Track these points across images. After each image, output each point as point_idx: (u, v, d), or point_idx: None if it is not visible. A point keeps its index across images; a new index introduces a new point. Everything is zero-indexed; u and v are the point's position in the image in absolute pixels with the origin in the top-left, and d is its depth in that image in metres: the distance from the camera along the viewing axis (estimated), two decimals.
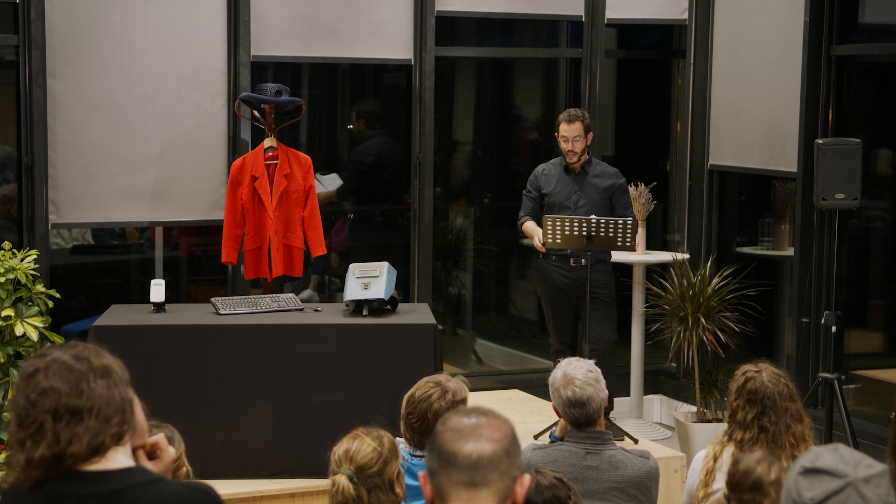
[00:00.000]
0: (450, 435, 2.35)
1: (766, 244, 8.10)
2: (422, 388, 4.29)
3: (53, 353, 2.46)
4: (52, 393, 2.40)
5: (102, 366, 2.46)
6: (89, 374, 2.43)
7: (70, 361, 2.43)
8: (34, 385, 2.41)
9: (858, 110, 7.63)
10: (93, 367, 2.44)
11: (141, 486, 2.44)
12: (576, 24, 8.33)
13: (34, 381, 2.42)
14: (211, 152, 7.33)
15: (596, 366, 4.40)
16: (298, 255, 6.82)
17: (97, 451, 2.42)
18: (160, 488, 2.46)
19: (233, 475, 5.87)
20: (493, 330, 9.14)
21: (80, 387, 2.41)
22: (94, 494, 2.41)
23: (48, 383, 2.40)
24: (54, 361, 2.43)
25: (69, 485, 2.41)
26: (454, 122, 9.20)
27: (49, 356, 2.45)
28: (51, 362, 2.43)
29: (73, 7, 6.98)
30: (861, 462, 2.27)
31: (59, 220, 7.07)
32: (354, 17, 7.59)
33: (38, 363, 2.44)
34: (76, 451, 2.39)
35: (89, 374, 2.43)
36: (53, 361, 2.43)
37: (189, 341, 5.96)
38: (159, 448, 2.66)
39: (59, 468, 2.40)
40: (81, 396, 2.40)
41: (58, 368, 2.42)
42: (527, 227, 7.12)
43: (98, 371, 2.45)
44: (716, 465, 4.24)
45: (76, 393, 2.40)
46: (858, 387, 7.66)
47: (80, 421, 2.39)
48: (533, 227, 7.06)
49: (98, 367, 2.45)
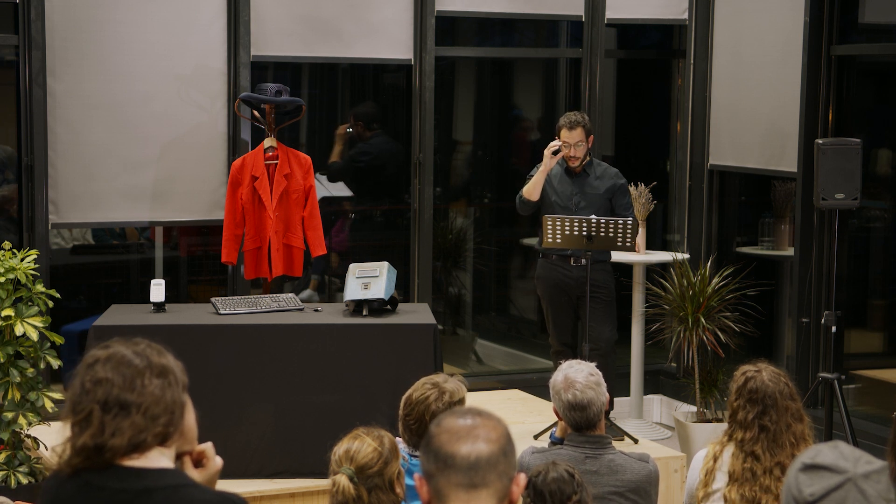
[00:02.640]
0: (446, 437, 2.35)
1: (766, 244, 8.10)
2: (419, 390, 4.29)
3: (116, 346, 2.49)
4: (105, 384, 2.42)
5: (160, 365, 2.49)
6: (146, 371, 2.46)
7: (129, 356, 2.47)
8: (91, 374, 2.44)
9: (858, 110, 7.63)
10: (151, 364, 2.48)
11: (173, 488, 2.44)
12: (576, 24, 8.33)
13: (92, 371, 2.45)
14: (211, 152, 7.33)
15: (597, 367, 4.41)
16: (298, 255, 6.82)
17: (138, 447, 2.43)
18: (191, 493, 2.46)
19: (233, 475, 5.86)
20: (493, 330, 9.14)
21: (133, 382, 2.44)
22: (127, 490, 2.42)
23: (104, 374, 2.43)
24: (115, 354, 2.47)
25: (105, 477, 2.43)
26: (454, 122, 9.20)
27: (111, 348, 2.48)
28: (111, 354, 2.46)
29: (73, 7, 6.98)
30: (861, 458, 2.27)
31: (59, 220, 7.07)
32: (354, 17, 7.59)
33: (99, 354, 2.47)
34: (117, 445, 2.41)
35: (145, 371, 2.46)
36: (114, 354, 2.46)
37: (189, 341, 5.96)
38: (206, 457, 2.65)
39: (99, 459, 2.42)
40: (133, 392, 2.43)
41: (117, 361, 2.45)
42: (531, 182, 6.97)
43: (155, 369, 2.48)
44: (716, 465, 4.24)
45: (129, 387, 2.43)
46: (858, 387, 7.66)
47: (126, 415, 2.42)
48: (536, 175, 6.95)
49: (156, 365, 2.49)
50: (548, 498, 3.63)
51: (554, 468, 3.67)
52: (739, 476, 4.15)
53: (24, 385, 5.87)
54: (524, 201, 7.02)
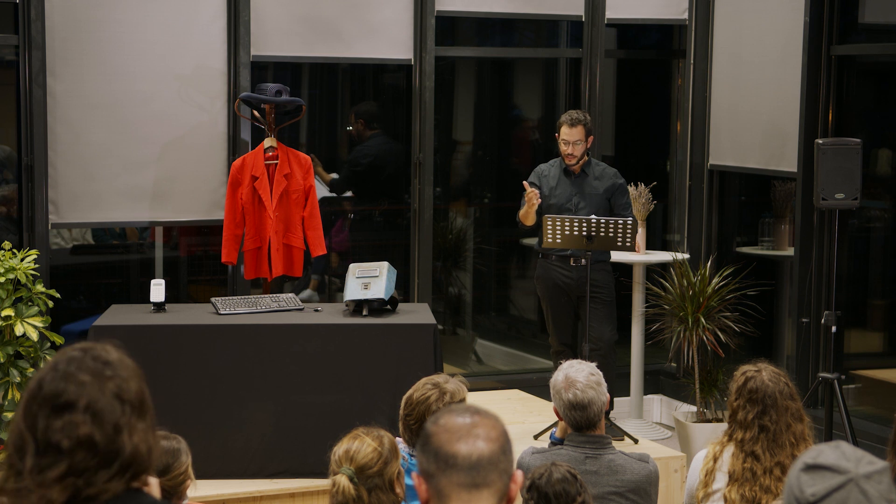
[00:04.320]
0: (445, 436, 2.34)
1: (766, 244, 8.10)
2: (420, 390, 4.28)
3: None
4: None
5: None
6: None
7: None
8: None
9: (858, 110, 7.63)
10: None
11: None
12: (576, 24, 8.33)
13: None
14: (211, 152, 7.32)
15: (597, 368, 4.41)
16: (298, 255, 6.82)
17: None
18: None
19: (233, 475, 5.87)
20: (493, 330, 9.14)
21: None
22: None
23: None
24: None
25: None
26: (454, 122, 9.20)
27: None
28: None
29: (73, 7, 6.98)
30: (863, 459, 2.28)
31: (59, 220, 7.07)
32: (354, 17, 7.59)
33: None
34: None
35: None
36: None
37: (189, 341, 5.96)
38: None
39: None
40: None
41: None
42: (521, 211, 6.95)
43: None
44: (716, 465, 4.24)
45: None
46: (858, 387, 7.66)
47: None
48: (524, 208, 6.93)
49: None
50: (553, 499, 3.63)
51: (556, 469, 3.67)
52: (739, 476, 4.15)
53: (24, 385, 5.87)
54: (521, 224, 7.03)
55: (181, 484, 3.92)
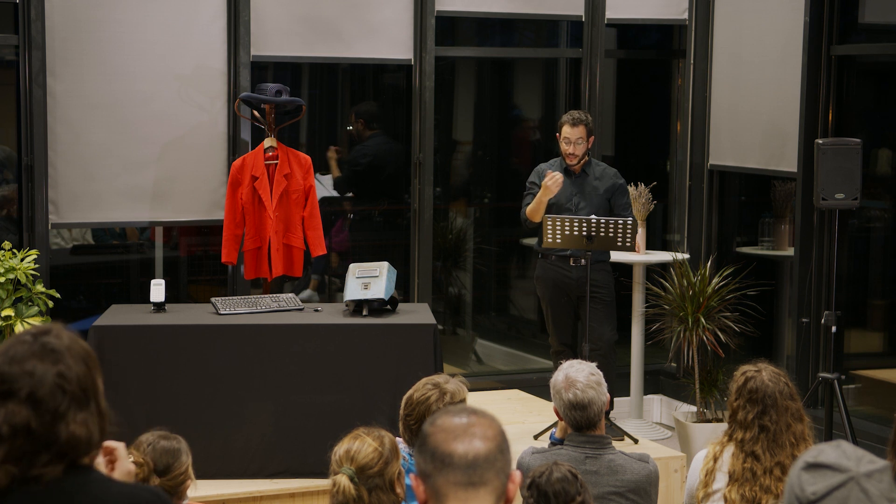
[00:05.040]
0: (442, 436, 2.35)
1: (766, 244, 8.10)
2: (420, 390, 4.28)
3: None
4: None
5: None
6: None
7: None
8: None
9: (858, 110, 7.63)
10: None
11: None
12: (576, 24, 8.33)
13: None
14: (211, 152, 7.32)
15: (597, 368, 4.41)
16: (298, 255, 6.82)
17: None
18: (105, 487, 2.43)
19: (233, 475, 5.87)
20: (493, 330, 9.14)
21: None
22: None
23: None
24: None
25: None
26: (454, 122, 9.20)
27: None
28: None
29: (73, 7, 6.98)
30: (863, 458, 2.28)
31: (59, 220, 7.07)
32: (354, 17, 7.59)
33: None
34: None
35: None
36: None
37: (189, 341, 5.96)
38: (116, 456, 2.63)
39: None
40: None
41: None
42: (530, 206, 7.00)
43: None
44: (716, 465, 4.24)
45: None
46: (858, 387, 7.66)
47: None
48: (535, 199, 6.92)
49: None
50: (552, 498, 3.63)
51: (557, 468, 3.67)
52: (739, 476, 4.15)
53: None
54: (528, 222, 7.00)
55: (181, 484, 3.93)
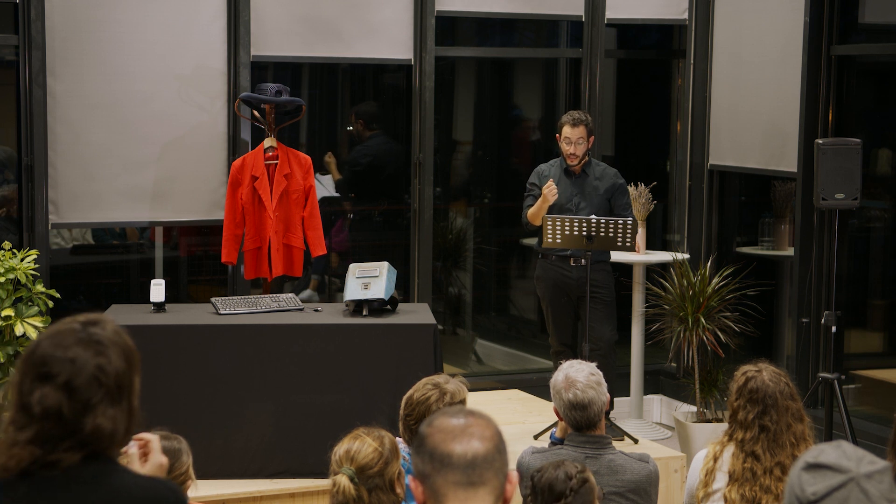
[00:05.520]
0: (440, 436, 2.35)
1: (766, 244, 8.10)
2: (420, 390, 4.28)
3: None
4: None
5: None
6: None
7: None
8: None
9: (858, 110, 7.63)
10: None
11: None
12: (576, 24, 8.33)
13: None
14: (211, 152, 7.32)
15: (597, 368, 4.41)
16: (298, 255, 6.82)
17: None
18: (120, 479, 2.46)
19: (233, 475, 5.87)
20: (493, 330, 9.14)
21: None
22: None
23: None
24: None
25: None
26: (454, 122, 9.20)
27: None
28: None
29: (73, 7, 6.98)
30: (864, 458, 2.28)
31: (59, 220, 7.07)
32: (354, 17, 7.59)
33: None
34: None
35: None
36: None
37: (189, 341, 5.96)
38: (150, 449, 2.68)
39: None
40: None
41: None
42: (531, 210, 7.01)
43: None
44: (716, 465, 4.24)
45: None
46: (858, 387, 7.66)
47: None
48: (536, 204, 6.93)
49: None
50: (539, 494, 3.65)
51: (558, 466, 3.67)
52: (740, 476, 4.15)
53: None
54: (529, 225, 7.03)
55: (182, 484, 3.93)
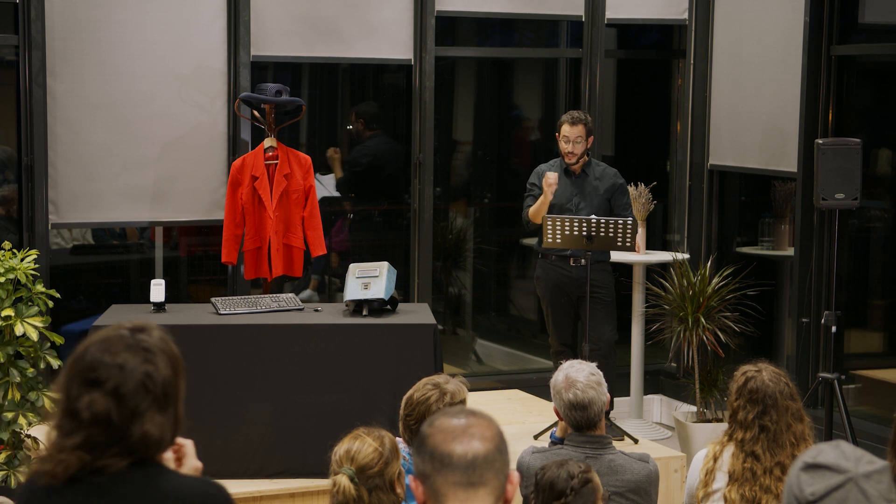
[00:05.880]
0: (441, 437, 2.35)
1: (766, 244, 8.10)
2: (420, 390, 4.28)
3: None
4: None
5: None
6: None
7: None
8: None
9: (858, 110, 7.63)
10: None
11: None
12: (576, 24, 8.33)
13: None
14: (211, 152, 7.33)
15: (597, 368, 4.41)
16: (298, 255, 6.82)
17: None
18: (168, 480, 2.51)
19: (233, 475, 5.87)
20: (493, 330, 9.14)
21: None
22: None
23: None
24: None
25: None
26: (454, 122, 9.20)
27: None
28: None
29: (73, 7, 6.98)
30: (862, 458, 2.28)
31: (59, 220, 7.07)
32: (354, 17, 7.59)
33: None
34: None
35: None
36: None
37: (189, 341, 5.95)
38: (183, 454, 2.74)
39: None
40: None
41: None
42: (532, 208, 7.00)
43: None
44: (716, 465, 4.24)
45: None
46: (858, 387, 7.66)
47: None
48: (538, 202, 6.93)
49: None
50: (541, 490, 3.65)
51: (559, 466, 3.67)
52: (739, 476, 4.15)
53: (24, 385, 5.87)
54: (530, 224, 7.02)
55: None
